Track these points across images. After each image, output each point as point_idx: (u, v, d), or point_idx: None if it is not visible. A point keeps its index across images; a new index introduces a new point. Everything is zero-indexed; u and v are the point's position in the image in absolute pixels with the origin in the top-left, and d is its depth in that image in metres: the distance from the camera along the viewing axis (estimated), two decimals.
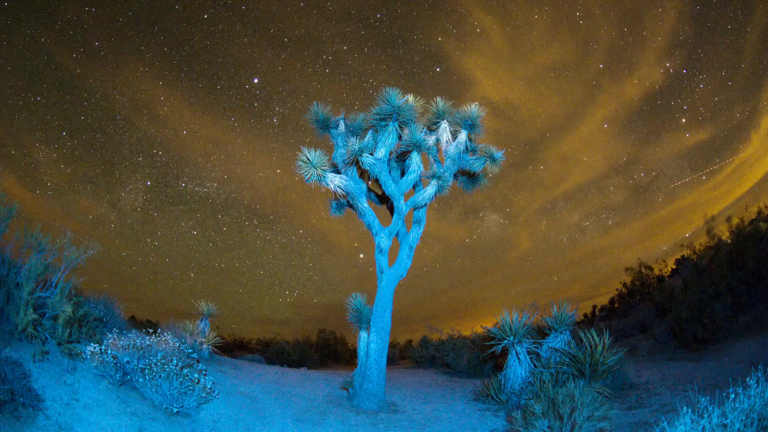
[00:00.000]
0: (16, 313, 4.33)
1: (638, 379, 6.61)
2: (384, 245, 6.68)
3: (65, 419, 3.79)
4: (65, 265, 5.04)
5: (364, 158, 6.34)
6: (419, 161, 6.55)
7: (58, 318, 4.63)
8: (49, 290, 4.83)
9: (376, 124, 6.59)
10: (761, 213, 12.23)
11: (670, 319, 9.13)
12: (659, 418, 3.68)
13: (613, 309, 15.61)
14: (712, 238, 13.35)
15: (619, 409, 5.11)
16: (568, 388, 3.88)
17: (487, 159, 6.76)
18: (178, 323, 8.17)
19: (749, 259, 9.19)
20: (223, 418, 5.02)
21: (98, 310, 5.93)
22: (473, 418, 5.74)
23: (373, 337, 6.35)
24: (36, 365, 4.23)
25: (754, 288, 8.82)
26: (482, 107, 6.66)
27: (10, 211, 4.87)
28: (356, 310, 6.94)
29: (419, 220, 6.99)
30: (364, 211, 6.82)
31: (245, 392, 6.29)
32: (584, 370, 5.63)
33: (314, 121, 6.95)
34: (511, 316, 6.53)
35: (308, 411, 5.86)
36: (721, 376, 5.69)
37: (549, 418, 3.70)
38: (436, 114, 6.88)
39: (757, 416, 2.77)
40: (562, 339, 6.45)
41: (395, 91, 6.23)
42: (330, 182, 6.40)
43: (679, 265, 15.10)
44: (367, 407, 6.09)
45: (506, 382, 6.31)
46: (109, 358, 4.59)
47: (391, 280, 6.60)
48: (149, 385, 4.59)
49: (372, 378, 6.21)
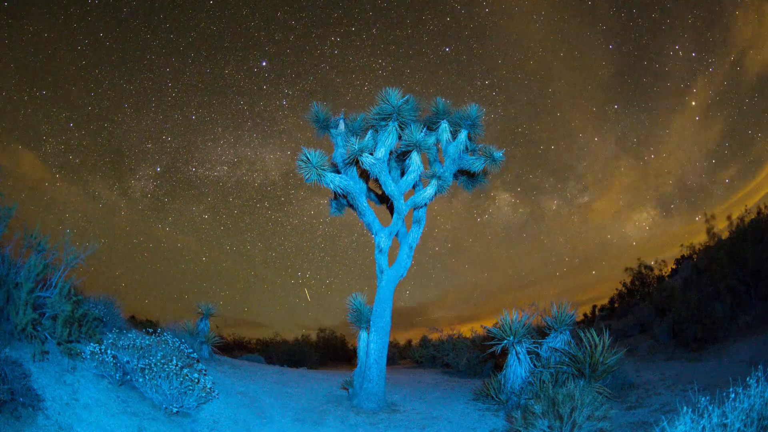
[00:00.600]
0: (15, 312, 4.33)
1: (638, 379, 6.62)
2: (384, 245, 6.68)
3: (65, 419, 3.78)
4: (65, 264, 5.04)
5: (364, 158, 6.34)
6: (419, 161, 6.55)
7: (57, 318, 4.62)
8: (48, 290, 4.82)
9: (376, 123, 6.59)
10: (761, 213, 12.22)
11: (669, 319, 9.13)
12: (659, 418, 3.68)
13: (613, 309, 15.63)
14: (712, 238, 13.35)
15: (619, 409, 5.11)
16: (568, 388, 3.87)
17: (487, 159, 6.76)
18: (178, 323, 8.17)
19: (749, 259, 9.19)
20: (222, 418, 5.01)
21: (98, 309, 5.92)
22: (473, 418, 5.74)
23: (373, 337, 6.35)
24: (36, 365, 4.23)
25: (754, 288, 8.82)
26: (482, 108, 6.66)
27: (9, 210, 4.87)
28: (356, 309, 6.94)
29: (419, 219, 6.99)
30: (364, 211, 6.82)
31: (245, 392, 6.29)
32: (584, 370, 5.62)
33: (314, 121, 6.95)
34: (510, 316, 6.53)
35: (308, 411, 5.86)
36: (721, 376, 5.69)
37: (549, 418, 3.70)
38: (436, 113, 6.88)
39: (757, 416, 2.77)
40: (562, 339, 6.45)
41: (395, 91, 6.23)
42: (330, 182, 6.40)
43: (679, 265, 15.11)
44: (367, 407, 6.09)
45: (506, 381, 6.31)
46: (108, 358, 4.59)
47: (391, 279, 6.60)
48: (149, 384, 4.58)
49: (372, 378, 6.21)
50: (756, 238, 10.07)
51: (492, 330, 6.63)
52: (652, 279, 15.10)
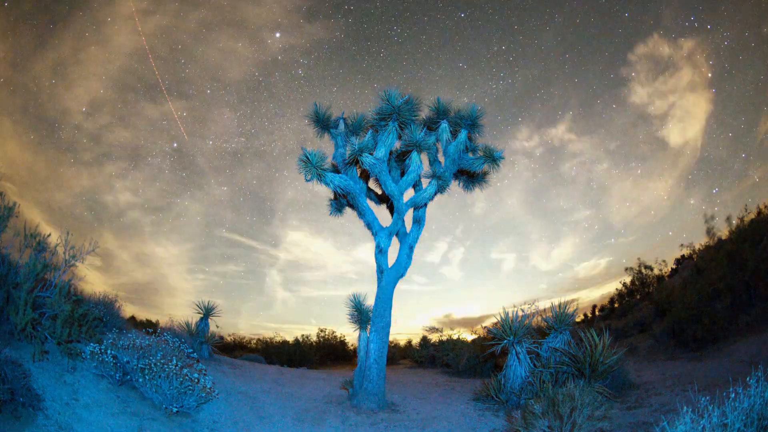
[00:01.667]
0: (15, 312, 4.32)
1: (638, 379, 6.61)
2: (384, 245, 6.68)
3: (65, 419, 3.78)
4: (64, 264, 5.04)
5: (364, 158, 6.34)
6: (419, 161, 6.55)
7: (57, 317, 4.62)
8: (48, 290, 4.82)
9: (376, 123, 6.59)
10: (761, 213, 12.21)
11: (669, 318, 9.12)
12: (659, 418, 3.68)
13: (613, 309, 15.62)
14: (712, 238, 13.34)
15: (619, 409, 5.11)
16: (568, 388, 3.87)
17: (487, 159, 6.76)
18: (178, 323, 8.17)
19: (749, 259, 9.19)
20: (222, 418, 5.01)
21: (98, 309, 5.92)
22: (473, 418, 5.73)
23: (373, 337, 6.35)
24: (36, 365, 4.23)
25: (754, 288, 8.81)
26: (482, 107, 6.67)
27: (9, 210, 4.86)
28: (356, 309, 6.94)
29: (419, 219, 6.99)
30: (364, 211, 6.82)
31: (245, 392, 6.28)
32: (584, 370, 5.62)
33: (314, 121, 6.95)
34: (511, 316, 6.53)
35: (308, 411, 5.86)
36: (721, 376, 5.69)
37: (549, 418, 3.69)
38: (436, 113, 6.88)
39: (757, 416, 2.77)
40: (562, 339, 6.45)
41: (395, 91, 6.23)
42: (330, 182, 6.40)
43: (679, 265, 15.11)
44: (367, 407, 6.09)
45: (506, 382, 6.31)
46: (108, 358, 4.59)
47: (391, 279, 6.59)
48: (149, 385, 4.58)
49: (372, 378, 6.21)
50: (756, 238, 10.07)
51: (492, 330, 6.63)
52: (652, 279, 15.10)
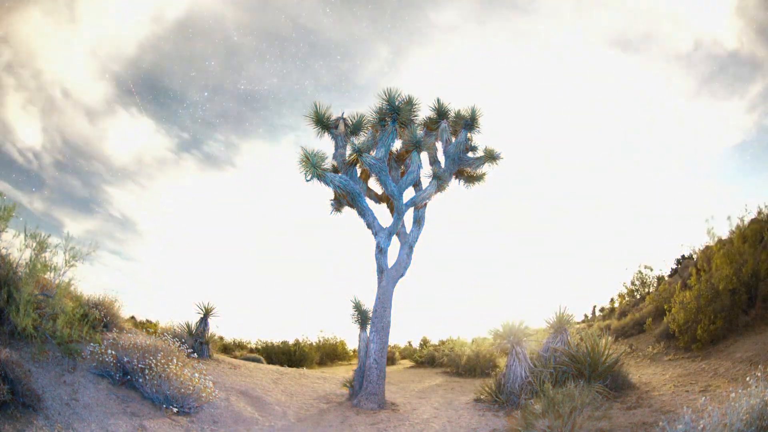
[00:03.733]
0: (15, 312, 4.33)
1: (638, 379, 6.61)
2: (384, 245, 6.68)
3: (65, 419, 3.78)
4: (65, 264, 5.03)
5: (364, 158, 6.34)
6: (419, 161, 6.55)
7: (57, 318, 4.62)
8: (48, 290, 4.82)
9: (375, 124, 6.60)
10: (761, 213, 12.21)
11: (669, 318, 9.12)
12: (659, 418, 3.68)
13: (613, 309, 15.62)
14: (712, 238, 13.33)
15: (619, 409, 5.11)
16: (568, 388, 3.88)
17: (487, 158, 6.76)
18: (178, 323, 8.17)
19: (749, 259, 9.18)
20: (222, 418, 5.01)
21: (98, 310, 5.93)
22: (473, 418, 5.73)
23: (373, 337, 6.35)
24: (36, 365, 4.23)
25: (754, 288, 8.81)
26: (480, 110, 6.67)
27: (9, 210, 4.87)
28: (356, 309, 6.94)
29: (419, 219, 6.99)
30: (364, 211, 6.82)
31: (245, 392, 6.29)
32: (584, 370, 5.62)
33: (314, 121, 6.95)
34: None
35: (308, 410, 5.86)
36: (721, 376, 5.69)
37: (549, 418, 3.70)
38: (436, 113, 6.88)
39: (757, 416, 2.77)
40: (561, 339, 6.45)
41: (395, 91, 6.24)
42: (330, 182, 6.40)
43: (679, 265, 15.10)
44: (367, 407, 6.09)
45: (506, 382, 6.31)
46: (109, 358, 4.59)
47: (391, 279, 6.59)
48: (149, 385, 4.58)
49: (372, 378, 6.21)
50: (756, 238, 10.07)
51: (492, 330, 6.63)
52: (652, 279, 15.11)
